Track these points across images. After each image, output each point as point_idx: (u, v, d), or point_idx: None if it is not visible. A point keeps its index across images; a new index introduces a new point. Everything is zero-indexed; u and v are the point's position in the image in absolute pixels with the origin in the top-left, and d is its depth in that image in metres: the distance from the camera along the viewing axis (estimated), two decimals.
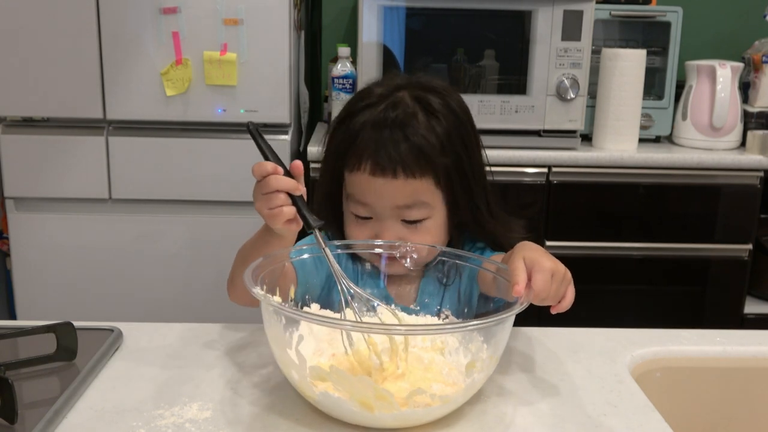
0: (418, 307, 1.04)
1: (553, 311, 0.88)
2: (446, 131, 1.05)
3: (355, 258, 1.09)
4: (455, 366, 0.88)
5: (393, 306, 0.98)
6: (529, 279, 0.85)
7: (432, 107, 1.06)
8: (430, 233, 1.07)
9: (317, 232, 0.92)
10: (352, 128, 1.06)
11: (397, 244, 1.04)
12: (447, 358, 0.90)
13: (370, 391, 0.76)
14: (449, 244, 1.10)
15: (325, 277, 1.04)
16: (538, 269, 0.85)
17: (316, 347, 0.90)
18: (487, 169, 1.13)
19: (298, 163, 0.93)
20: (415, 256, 1.04)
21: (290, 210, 0.92)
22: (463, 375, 0.85)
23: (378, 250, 1.04)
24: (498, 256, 1.07)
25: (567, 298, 0.88)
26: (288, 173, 0.92)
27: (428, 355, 0.89)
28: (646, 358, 1.02)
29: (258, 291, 0.82)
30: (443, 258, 1.03)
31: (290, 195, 0.92)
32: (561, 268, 0.88)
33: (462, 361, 0.89)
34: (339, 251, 1.04)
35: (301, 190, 0.92)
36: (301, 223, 0.94)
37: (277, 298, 0.91)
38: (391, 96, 1.07)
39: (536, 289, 0.84)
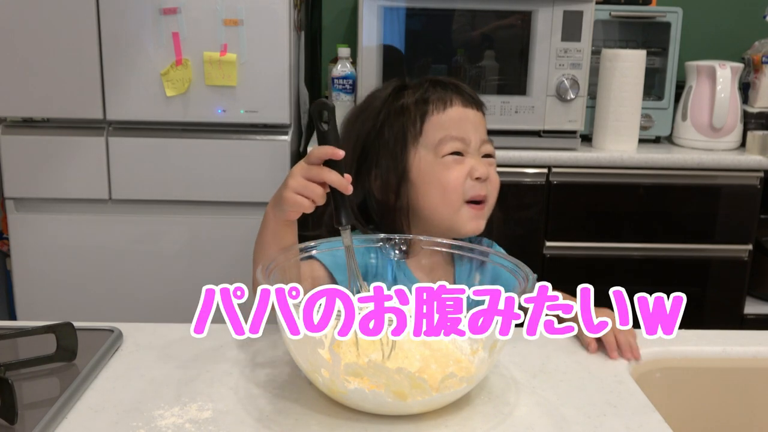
0: None
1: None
2: None
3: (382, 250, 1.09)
4: (458, 347, 0.91)
5: None
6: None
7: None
8: (496, 172, 1.15)
9: (348, 231, 0.91)
10: (415, 92, 1.15)
11: (382, 236, 1.06)
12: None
13: (406, 381, 0.78)
14: None
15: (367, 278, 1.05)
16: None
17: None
18: None
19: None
20: (404, 247, 1.06)
21: (310, 205, 0.91)
22: (467, 354, 0.89)
23: (367, 245, 1.05)
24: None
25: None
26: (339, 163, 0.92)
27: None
28: (646, 358, 1.02)
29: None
30: (469, 255, 1.05)
31: (332, 189, 0.91)
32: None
33: (460, 342, 0.92)
34: (359, 245, 1.04)
35: (349, 190, 0.91)
36: (298, 216, 0.94)
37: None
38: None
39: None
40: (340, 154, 0.89)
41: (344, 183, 0.90)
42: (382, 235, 1.06)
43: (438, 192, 1.10)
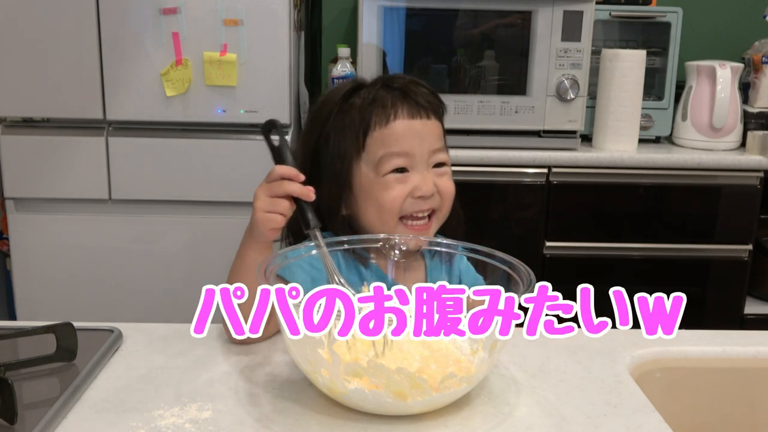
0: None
1: None
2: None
3: (355, 256, 1.10)
4: (458, 347, 0.91)
5: None
6: None
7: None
8: (450, 179, 1.12)
9: (317, 232, 0.95)
10: (362, 100, 1.10)
11: (381, 236, 1.07)
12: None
13: (406, 381, 0.78)
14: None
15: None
16: None
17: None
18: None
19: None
20: (403, 248, 1.06)
21: (281, 219, 0.97)
22: (467, 354, 0.88)
23: (366, 245, 1.07)
24: None
25: None
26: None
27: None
28: (646, 358, 1.02)
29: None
30: (439, 248, 1.07)
31: (296, 199, 0.97)
32: None
33: (460, 342, 0.91)
34: (334, 248, 1.04)
35: (312, 197, 0.97)
36: (278, 234, 0.99)
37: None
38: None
39: None
40: (302, 178, 0.97)
41: (305, 191, 0.97)
42: (382, 236, 1.06)
43: (374, 210, 1.09)
